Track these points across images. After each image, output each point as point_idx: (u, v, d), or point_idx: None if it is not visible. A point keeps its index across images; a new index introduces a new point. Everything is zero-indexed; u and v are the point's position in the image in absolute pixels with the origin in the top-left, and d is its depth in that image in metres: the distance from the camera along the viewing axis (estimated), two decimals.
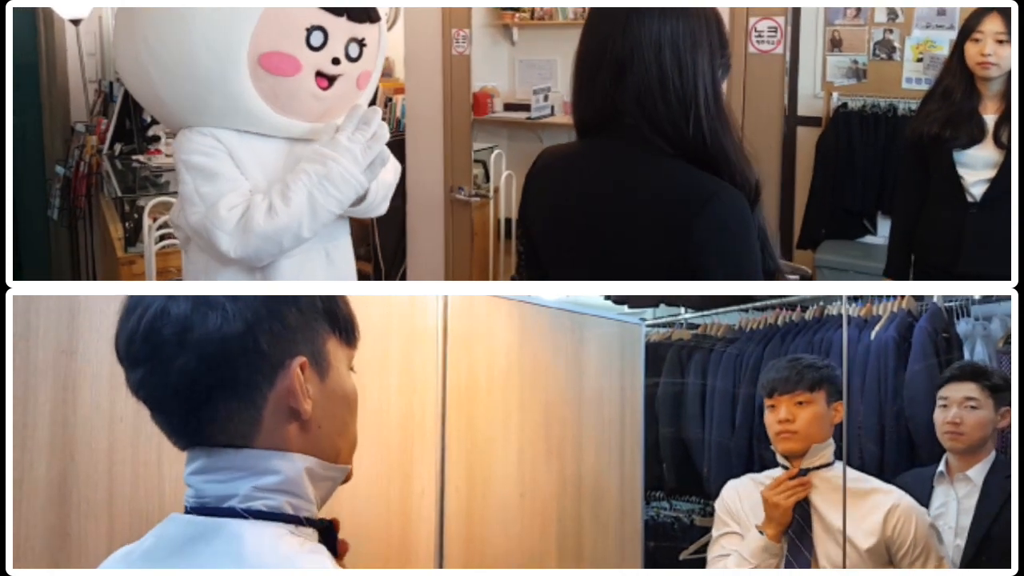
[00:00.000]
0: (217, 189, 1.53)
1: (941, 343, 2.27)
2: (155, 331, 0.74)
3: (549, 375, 2.04)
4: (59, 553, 1.24)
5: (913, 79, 2.49)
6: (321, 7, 1.54)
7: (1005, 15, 2.17)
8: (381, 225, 3.58)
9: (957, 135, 2.25)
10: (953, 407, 2.01)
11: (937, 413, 2.05)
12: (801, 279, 2.26)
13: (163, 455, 1.33)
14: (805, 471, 1.93)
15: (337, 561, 0.78)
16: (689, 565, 2.68)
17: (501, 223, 3.46)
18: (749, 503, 1.99)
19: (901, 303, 2.38)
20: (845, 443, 1.96)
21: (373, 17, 1.64)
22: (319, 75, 1.57)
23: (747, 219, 1.30)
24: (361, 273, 2.16)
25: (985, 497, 1.98)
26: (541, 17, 3.82)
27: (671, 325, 2.90)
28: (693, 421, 2.72)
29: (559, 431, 2.06)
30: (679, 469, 2.74)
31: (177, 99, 1.58)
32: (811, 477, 1.92)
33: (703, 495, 2.73)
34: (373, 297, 1.68)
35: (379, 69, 1.74)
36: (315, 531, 0.79)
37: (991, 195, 2.24)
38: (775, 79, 2.08)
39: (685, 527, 2.82)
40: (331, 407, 0.81)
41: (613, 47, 1.31)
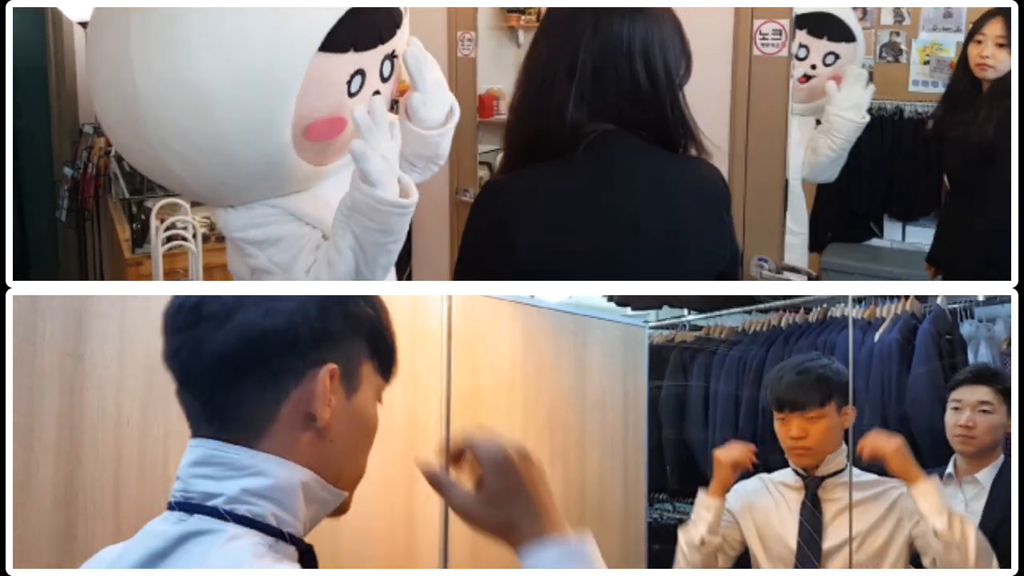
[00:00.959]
0: (289, 254, 1.44)
1: (945, 345, 2.26)
2: (205, 304, 0.78)
3: (552, 377, 2.04)
4: (65, 555, 1.25)
5: (920, 82, 2.48)
6: (353, 50, 1.36)
7: (1008, 20, 2.17)
8: None
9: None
10: (966, 410, 1.99)
11: (949, 415, 2.03)
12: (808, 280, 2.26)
13: (169, 458, 1.33)
14: (821, 479, 1.94)
15: None
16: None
17: None
18: (748, 503, 2.02)
19: (905, 305, 2.37)
20: (851, 445, 1.96)
21: (398, 20, 1.47)
22: None
23: None
24: None
25: (993, 500, 1.97)
26: None
27: (674, 327, 2.90)
28: (696, 423, 2.72)
29: (563, 433, 2.06)
30: (682, 471, 2.74)
31: (210, 188, 1.46)
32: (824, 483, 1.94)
33: None
34: None
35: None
36: (295, 551, 0.76)
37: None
38: (779, 82, 2.08)
39: None
40: (349, 426, 0.81)
41: (583, 53, 1.25)
